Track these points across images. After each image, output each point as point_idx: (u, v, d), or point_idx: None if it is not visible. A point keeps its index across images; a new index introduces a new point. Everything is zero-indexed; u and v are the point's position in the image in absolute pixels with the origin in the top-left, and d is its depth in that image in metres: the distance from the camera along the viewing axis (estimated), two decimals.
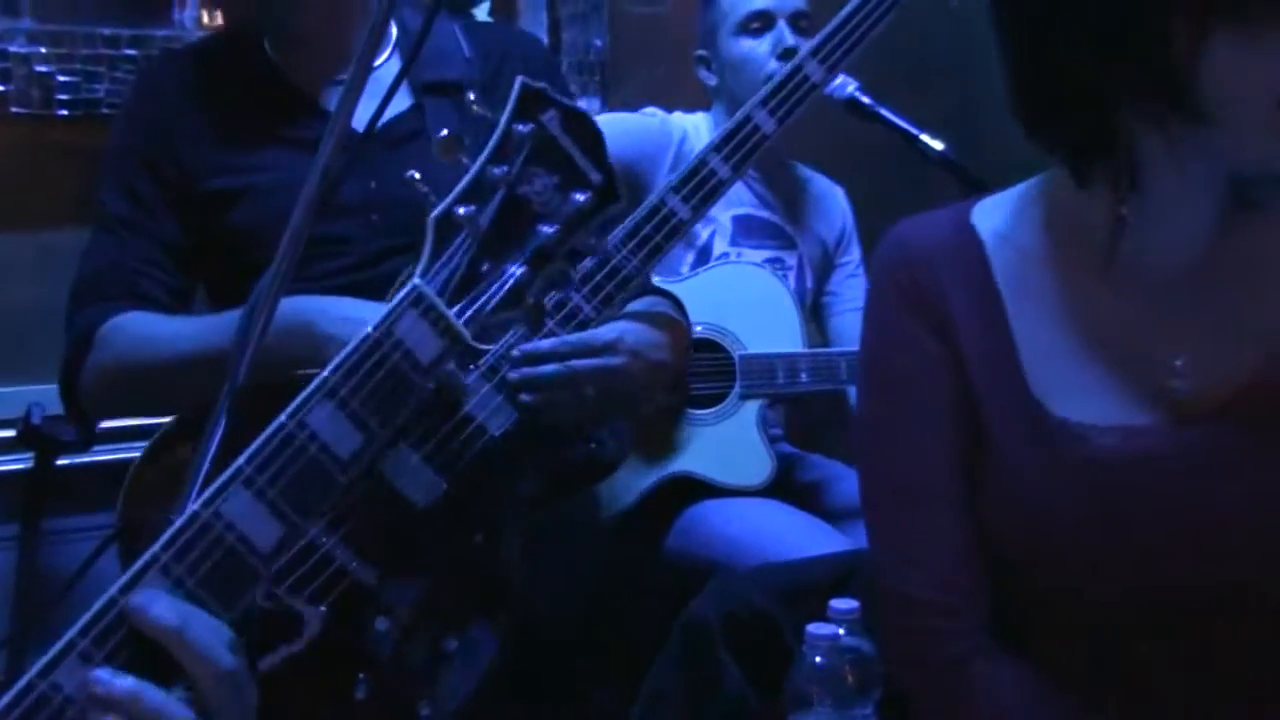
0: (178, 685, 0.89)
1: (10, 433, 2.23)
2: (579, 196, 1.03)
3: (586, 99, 2.87)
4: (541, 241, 1.02)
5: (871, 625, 1.10)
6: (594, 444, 1.67)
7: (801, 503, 2.33)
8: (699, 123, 2.54)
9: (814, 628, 1.07)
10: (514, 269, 1.02)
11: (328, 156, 1.15)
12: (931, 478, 1.17)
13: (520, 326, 1.06)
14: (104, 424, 2.18)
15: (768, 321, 2.40)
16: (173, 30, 2.42)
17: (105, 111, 2.36)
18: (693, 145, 2.45)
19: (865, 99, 2.38)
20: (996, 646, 1.16)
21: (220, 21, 2.40)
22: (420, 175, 1.66)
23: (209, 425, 1.06)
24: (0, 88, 2.33)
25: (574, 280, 1.07)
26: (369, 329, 0.98)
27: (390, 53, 1.78)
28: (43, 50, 2.36)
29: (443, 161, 1.73)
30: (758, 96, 1.81)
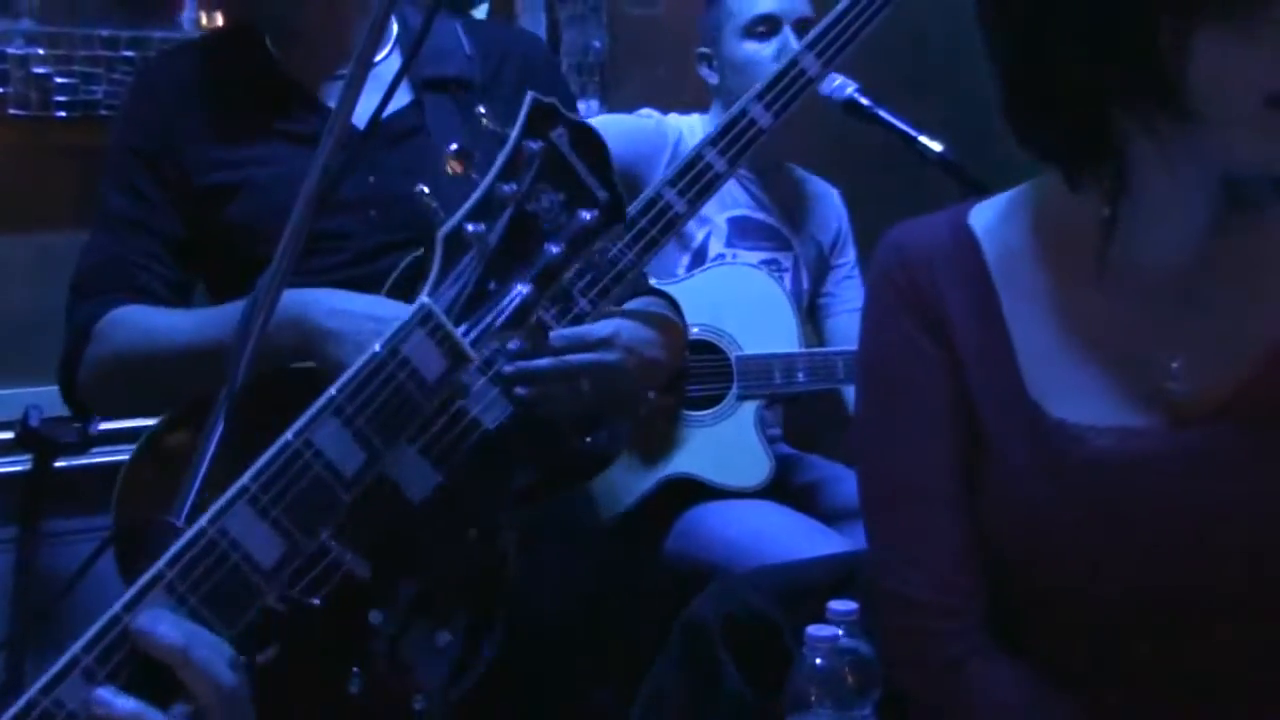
0: (178, 703, 0.90)
1: (9, 435, 2.23)
2: (585, 215, 1.03)
3: (586, 100, 2.87)
4: (548, 261, 1.02)
5: (870, 626, 1.10)
6: (589, 439, 1.67)
7: (799, 504, 2.33)
8: (694, 124, 2.54)
9: (813, 629, 1.07)
10: (520, 288, 1.02)
11: (328, 153, 1.15)
12: (930, 479, 1.18)
13: (524, 343, 1.06)
14: (102, 426, 2.18)
15: (764, 322, 2.41)
16: (171, 31, 2.41)
17: (103, 113, 2.36)
18: (688, 146, 2.44)
19: (864, 100, 2.38)
20: (995, 647, 1.16)
21: (219, 23, 2.40)
22: (420, 173, 1.67)
23: (207, 426, 1.06)
24: None
25: (575, 296, 1.07)
26: (377, 347, 0.98)
27: (391, 49, 1.77)
28: (41, 52, 2.36)
29: (443, 159, 1.73)
30: (754, 90, 1.81)
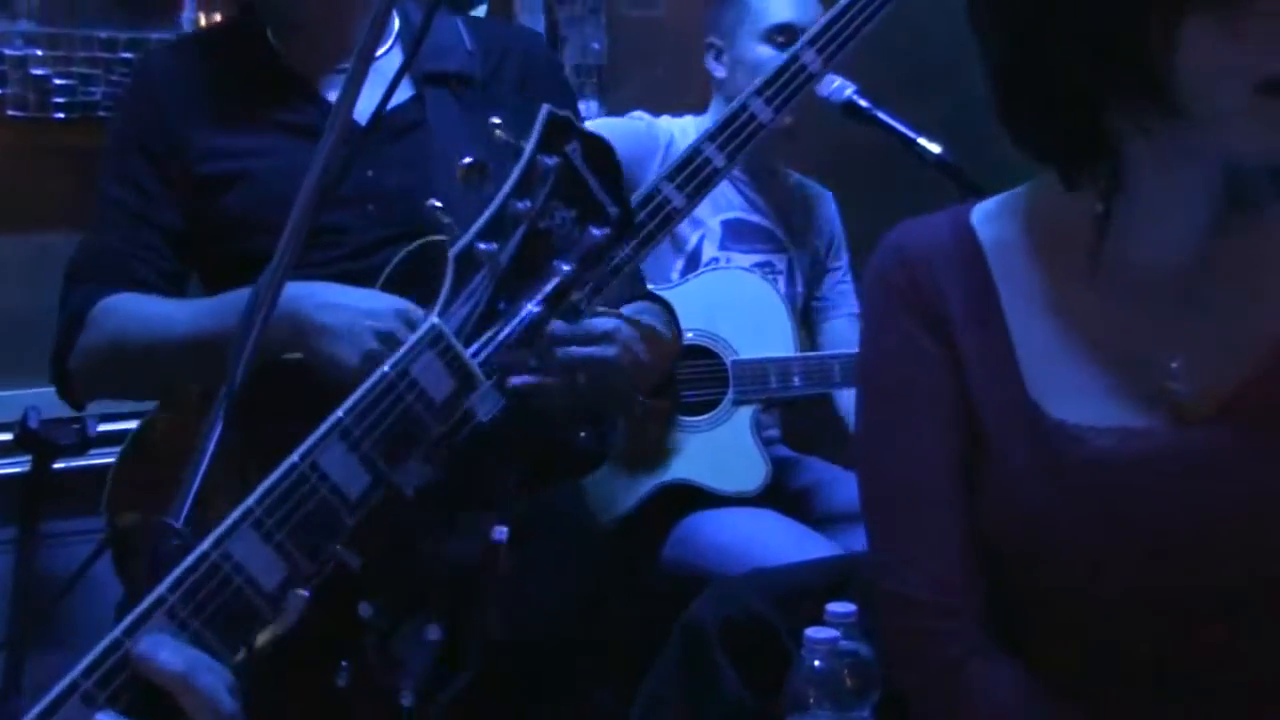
0: None
1: (7, 436, 2.23)
2: (597, 232, 1.02)
3: (585, 101, 2.87)
4: (559, 280, 1.01)
5: (869, 628, 1.10)
6: (582, 434, 1.66)
7: (795, 508, 2.33)
8: (687, 126, 2.53)
9: (812, 631, 1.07)
10: (530, 308, 1.00)
11: (329, 149, 1.14)
12: (930, 479, 1.17)
13: (532, 361, 1.05)
14: (101, 427, 2.18)
15: (759, 326, 2.40)
16: (170, 33, 2.41)
17: (102, 114, 2.35)
18: (680, 148, 2.44)
19: (863, 102, 2.38)
20: (995, 647, 1.16)
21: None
22: (419, 168, 1.66)
23: (206, 425, 1.05)
24: None
25: (583, 312, 1.06)
26: (386, 368, 0.96)
27: (392, 44, 1.77)
28: (39, 53, 2.36)
29: (443, 158, 1.73)
30: (754, 85, 1.80)
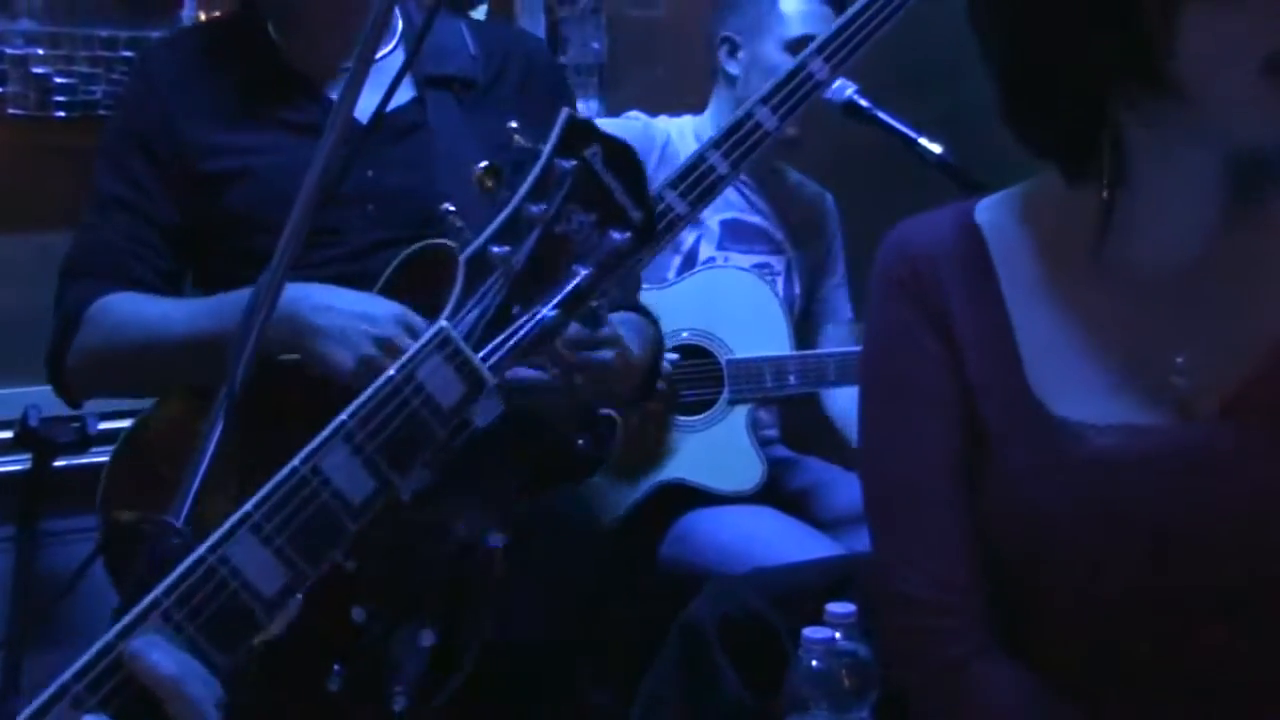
0: None
1: (8, 434, 2.23)
2: (617, 236, 0.99)
3: (585, 101, 2.87)
4: (576, 284, 0.99)
5: (868, 628, 1.10)
6: (580, 440, 1.66)
7: (792, 510, 2.33)
8: (685, 126, 2.52)
9: (810, 631, 1.06)
10: (546, 312, 0.98)
11: (330, 148, 1.13)
12: (932, 477, 1.17)
13: (547, 368, 1.04)
14: (101, 426, 2.18)
15: (755, 325, 2.39)
16: (170, 32, 2.41)
17: (103, 113, 2.35)
18: (677, 149, 2.44)
19: (863, 101, 2.38)
20: (995, 646, 1.15)
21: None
22: (420, 169, 1.66)
23: (207, 425, 1.05)
24: None
25: (604, 319, 1.03)
26: (392, 372, 0.95)
27: (395, 44, 1.77)
28: (40, 52, 2.36)
29: (444, 160, 1.72)
30: (760, 93, 1.80)
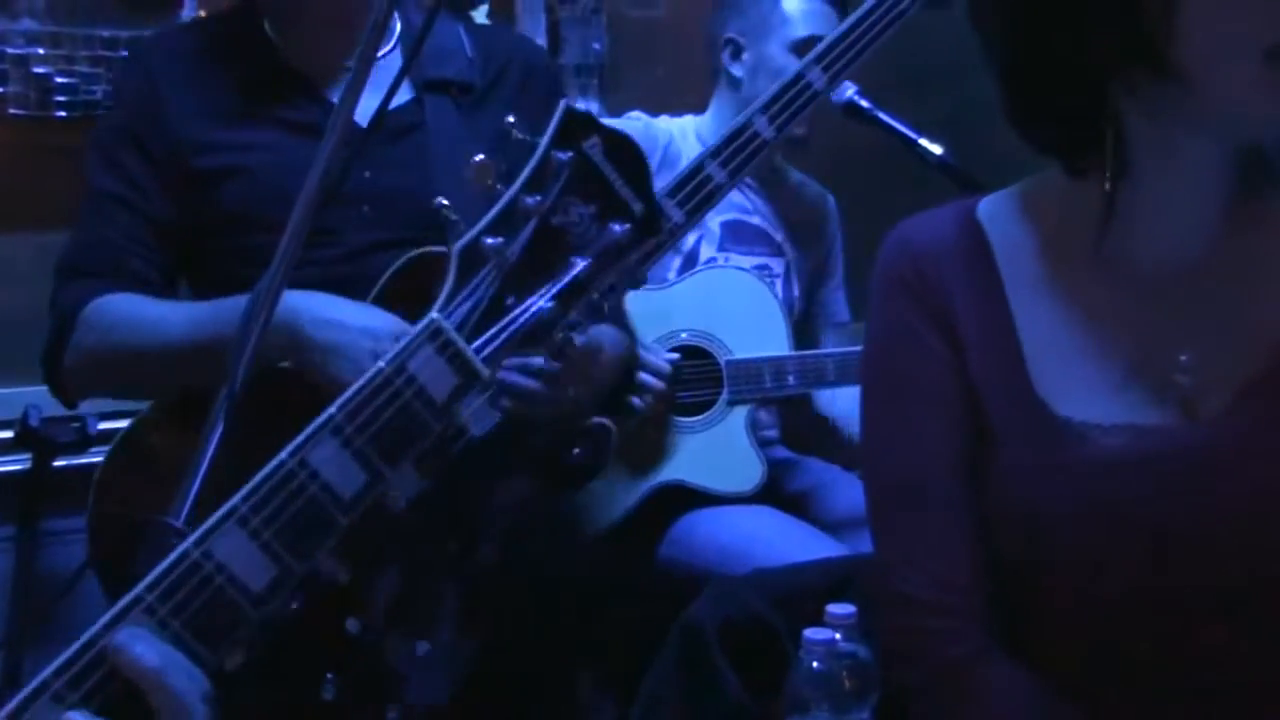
0: None
1: (8, 434, 2.24)
2: (616, 228, 0.98)
3: (586, 101, 2.87)
4: (573, 275, 0.98)
5: (869, 629, 1.10)
6: (576, 450, 1.66)
7: (792, 512, 2.32)
8: (686, 126, 2.52)
9: (811, 632, 1.06)
10: (540, 303, 0.97)
11: (330, 151, 1.13)
12: (934, 477, 1.17)
13: (546, 360, 1.03)
14: (101, 426, 2.18)
15: (754, 325, 2.39)
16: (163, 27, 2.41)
17: (102, 113, 2.35)
18: (679, 148, 2.43)
19: (864, 102, 2.38)
20: (996, 647, 1.15)
21: None
22: (417, 170, 1.66)
23: (206, 428, 1.05)
24: None
25: (607, 314, 1.03)
26: (381, 364, 0.93)
27: (394, 46, 1.76)
28: (41, 51, 2.36)
29: (441, 161, 1.72)
30: (758, 102, 1.80)
